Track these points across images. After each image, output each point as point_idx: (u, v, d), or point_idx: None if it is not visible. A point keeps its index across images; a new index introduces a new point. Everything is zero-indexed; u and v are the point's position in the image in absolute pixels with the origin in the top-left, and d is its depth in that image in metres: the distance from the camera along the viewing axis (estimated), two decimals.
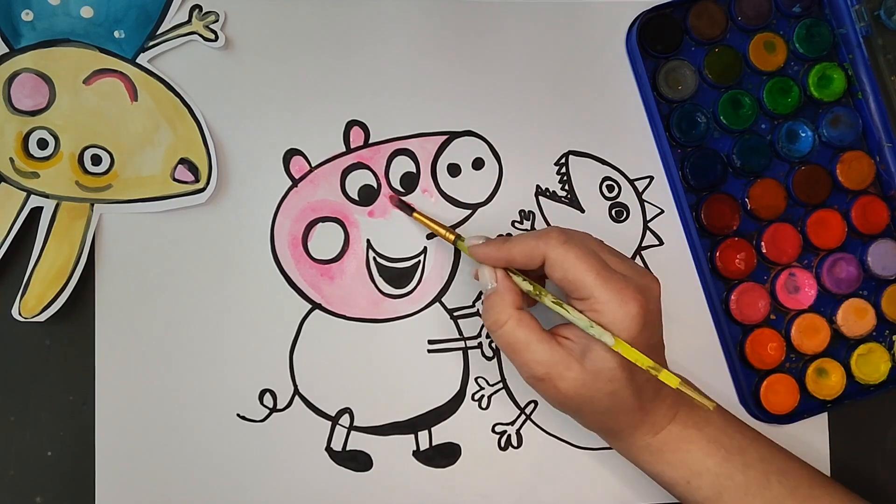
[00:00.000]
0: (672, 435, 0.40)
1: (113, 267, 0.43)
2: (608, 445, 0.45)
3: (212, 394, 0.43)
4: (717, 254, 0.46)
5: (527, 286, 0.40)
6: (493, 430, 0.45)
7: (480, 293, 0.45)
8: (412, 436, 0.45)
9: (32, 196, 0.42)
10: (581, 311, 0.38)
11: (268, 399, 0.44)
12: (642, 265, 0.46)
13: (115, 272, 0.43)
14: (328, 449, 0.44)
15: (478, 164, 0.46)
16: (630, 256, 0.46)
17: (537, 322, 0.39)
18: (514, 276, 0.40)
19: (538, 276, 0.41)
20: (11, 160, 0.42)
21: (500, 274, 0.40)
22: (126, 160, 0.43)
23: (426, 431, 0.45)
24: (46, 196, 0.42)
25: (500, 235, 0.40)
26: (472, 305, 0.45)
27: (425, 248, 0.45)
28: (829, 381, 0.47)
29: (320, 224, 0.45)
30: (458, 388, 0.45)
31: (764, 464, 0.40)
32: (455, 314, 0.45)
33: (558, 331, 0.39)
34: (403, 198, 0.45)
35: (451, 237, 0.42)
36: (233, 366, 0.44)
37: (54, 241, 0.42)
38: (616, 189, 0.47)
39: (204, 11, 0.43)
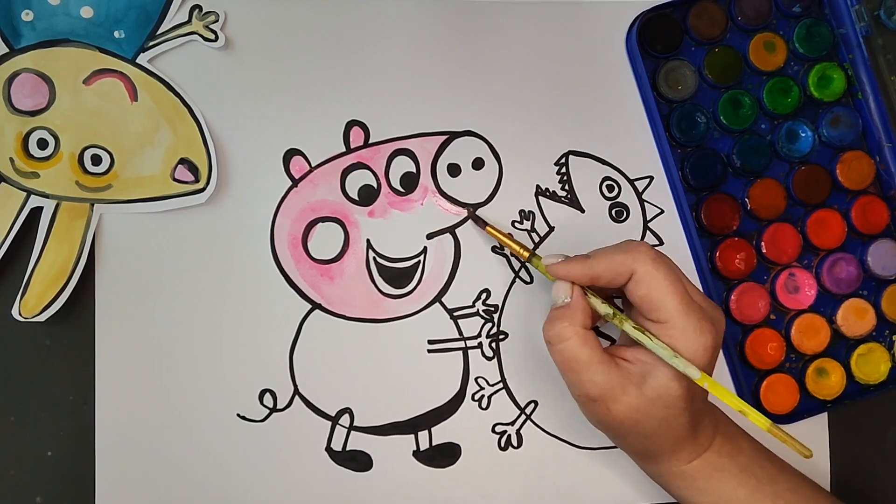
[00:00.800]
0: (706, 463, 0.40)
1: (113, 267, 0.43)
2: (608, 446, 0.45)
3: (212, 394, 0.43)
4: (717, 254, 0.46)
5: (605, 309, 0.39)
6: (493, 430, 0.45)
7: (481, 293, 0.45)
8: (412, 436, 0.45)
9: (32, 196, 0.42)
10: (654, 335, 0.37)
11: (268, 399, 0.44)
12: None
13: (115, 272, 0.43)
14: (328, 449, 0.44)
15: (478, 164, 0.46)
16: None
17: (600, 343, 0.38)
18: (592, 298, 0.39)
19: (607, 295, 0.41)
20: (11, 160, 0.42)
21: (576, 291, 0.39)
22: (126, 160, 0.43)
23: (426, 431, 0.45)
24: (46, 196, 0.42)
25: (578, 254, 0.40)
26: (472, 305, 0.45)
27: (425, 248, 0.45)
28: (829, 381, 0.47)
29: (320, 224, 0.45)
30: (458, 388, 0.45)
31: (794, 495, 0.40)
32: (455, 314, 0.45)
33: (617, 352, 0.39)
34: (469, 208, 0.45)
35: (526, 254, 0.41)
36: (233, 366, 0.44)
37: (54, 241, 0.42)
38: (616, 189, 0.47)
39: (204, 11, 0.43)
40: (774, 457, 0.42)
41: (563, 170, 0.46)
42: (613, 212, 0.47)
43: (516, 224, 0.46)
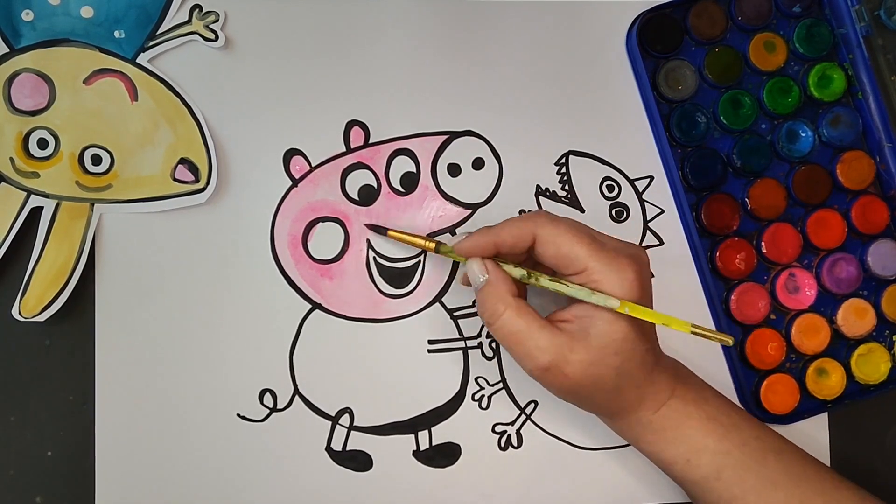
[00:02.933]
0: (672, 411, 0.40)
1: (113, 267, 0.43)
2: (608, 446, 0.45)
3: (212, 394, 0.43)
4: (717, 254, 0.46)
5: (519, 271, 0.39)
6: (493, 430, 0.45)
7: None
8: (412, 436, 0.45)
9: (32, 196, 0.42)
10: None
11: (268, 399, 0.44)
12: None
13: (115, 272, 0.43)
14: (328, 449, 0.44)
15: (478, 164, 0.46)
16: None
17: (535, 310, 0.38)
18: (504, 265, 0.39)
19: (523, 262, 0.41)
20: (11, 160, 0.42)
21: (489, 264, 0.39)
22: (126, 160, 0.43)
23: (426, 431, 0.45)
24: (46, 196, 0.42)
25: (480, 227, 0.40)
26: (472, 305, 0.45)
27: None
28: (829, 381, 0.47)
29: (320, 224, 0.45)
30: (458, 388, 0.45)
31: (760, 442, 0.40)
32: (455, 314, 0.45)
33: (553, 318, 0.39)
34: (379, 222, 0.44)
35: (432, 245, 0.41)
36: (233, 366, 0.44)
37: (54, 241, 0.42)
38: (616, 189, 0.47)
39: (204, 11, 0.43)
40: (736, 406, 0.42)
41: (563, 170, 0.46)
42: (613, 212, 0.47)
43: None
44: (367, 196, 0.45)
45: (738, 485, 0.39)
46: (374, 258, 0.45)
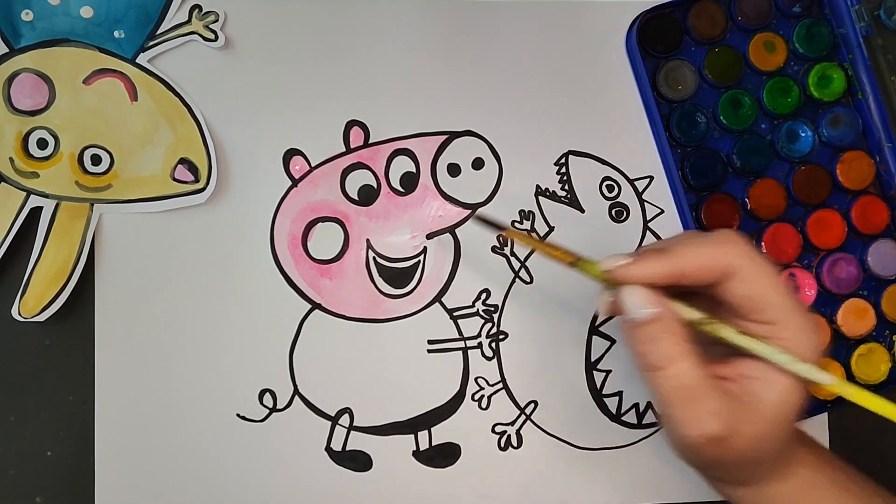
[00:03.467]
0: (801, 480, 0.34)
1: (113, 267, 0.43)
2: (608, 446, 0.45)
3: (212, 394, 0.43)
4: None
5: (695, 314, 0.31)
6: (493, 430, 0.45)
7: (481, 293, 0.45)
8: (412, 436, 0.45)
9: (32, 196, 0.42)
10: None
11: (268, 399, 0.44)
12: None
13: (115, 272, 0.43)
14: (328, 449, 0.44)
15: (478, 164, 0.46)
16: None
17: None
18: (675, 304, 0.32)
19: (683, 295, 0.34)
20: (11, 160, 0.42)
21: (663, 299, 0.31)
22: (126, 160, 0.43)
23: (426, 431, 0.45)
24: (46, 196, 0.42)
25: (646, 248, 0.33)
26: (472, 305, 0.45)
27: (425, 248, 0.45)
28: None
29: (320, 224, 0.45)
30: (458, 388, 0.45)
31: (880, 500, 0.36)
32: (455, 314, 0.45)
33: (711, 370, 0.31)
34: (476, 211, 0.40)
35: (570, 259, 0.34)
36: (233, 366, 0.44)
37: (54, 241, 0.42)
38: (616, 189, 0.47)
39: (204, 11, 0.43)
40: (853, 469, 0.37)
41: (563, 170, 0.46)
42: (613, 212, 0.47)
43: (516, 224, 0.46)
44: (367, 196, 0.45)
45: None
46: (374, 258, 0.45)
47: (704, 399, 0.30)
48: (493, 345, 0.46)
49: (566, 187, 0.46)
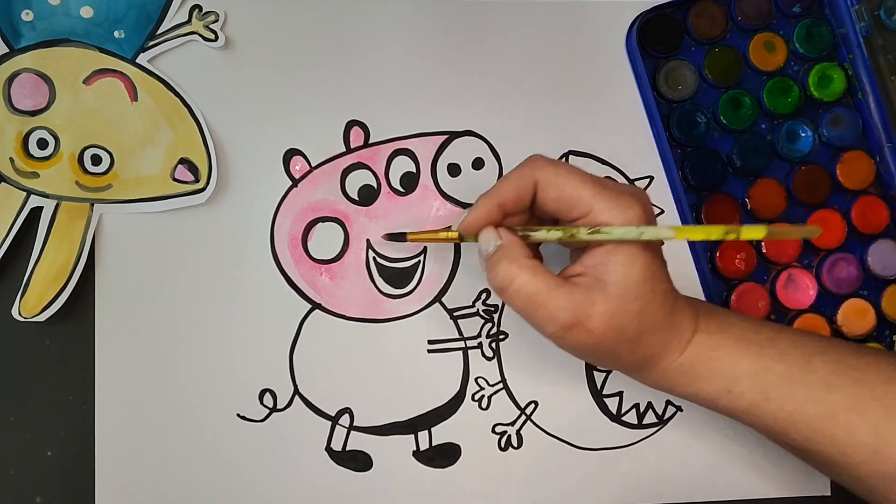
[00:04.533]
0: (699, 346, 0.37)
1: (113, 267, 0.43)
2: (608, 446, 0.45)
3: (212, 394, 0.43)
4: (717, 254, 0.46)
5: (555, 234, 0.37)
6: (493, 431, 0.45)
7: (481, 293, 0.45)
8: (412, 436, 0.45)
9: (32, 196, 0.42)
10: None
11: (268, 399, 0.44)
12: None
13: (115, 272, 0.43)
14: (328, 449, 0.44)
15: (478, 164, 0.46)
16: None
17: (549, 270, 0.36)
18: (535, 233, 0.37)
19: (524, 219, 0.39)
20: (11, 160, 0.42)
21: (502, 231, 0.37)
22: (126, 160, 0.43)
23: (426, 431, 0.45)
24: (46, 196, 0.42)
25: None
26: (472, 305, 0.45)
27: (425, 248, 0.45)
28: None
29: (320, 224, 0.45)
30: (458, 388, 0.45)
31: (800, 348, 0.37)
32: (455, 314, 0.45)
33: (565, 274, 0.37)
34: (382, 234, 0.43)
35: (455, 235, 0.40)
36: (233, 366, 0.44)
37: (54, 241, 0.42)
38: None
39: (204, 11, 0.43)
40: (766, 321, 0.40)
41: None
42: None
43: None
44: (367, 196, 0.45)
45: (790, 399, 0.36)
46: (374, 258, 0.45)
47: (548, 300, 0.35)
48: (493, 345, 0.46)
49: None
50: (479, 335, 0.45)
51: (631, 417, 0.46)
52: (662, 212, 0.47)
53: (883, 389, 0.36)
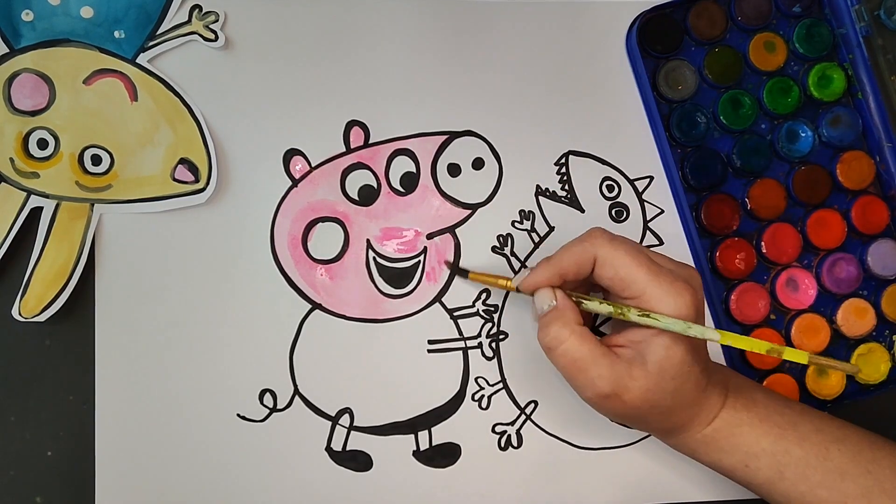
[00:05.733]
0: (724, 422, 0.39)
1: (113, 267, 0.43)
2: (608, 446, 0.45)
3: (212, 394, 0.43)
4: (717, 254, 0.46)
5: (607, 307, 0.38)
6: (493, 430, 0.45)
7: (481, 293, 0.45)
8: (412, 436, 0.45)
9: (32, 196, 0.42)
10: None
11: (268, 399, 0.44)
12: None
13: (115, 272, 0.43)
14: (328, 449, 0.44)
15: (478, 164, 0.46)
16: None
17: (596, 338, 0.38)
18: (587, 302, 0.39)
19: (585, 289, 0.41)
20: (11, 160, 0.42)
21: (559, 293, 0.39)
22: (126, 160, 0.43)
23: (426, 431, 0.45)
24: (46, 196, 0.42)
25: (541, 259, 0.40)
26: (472, 305, 0.45)
27: (425, 248, 0.45)
28: (829, 381, 0.47)
29: (320, 224, 0.45)
30: (458, 388, 0.45)
31: (820, 435, 0.39)
32: (455, 314, 0.45)
33: (607, 342, 0.39)
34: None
35: (513, 286, 0.41)
36: (233, 366, 0.44)
37: (54, 241, 0.42)
38: (616, 189, 0.47)
39: (204, 11, 0.43)
40: (792, 402, 0.42)
41: (563, 170, 0.46)
42: (613, 212, 0.47)
43: (516, 224, 0.46)
44: (367, 196, 0.45)
45: (804, 481, 0.38)
46: (374, 258, 0.45)
47: (591, 367, 0.37)
48: (493, 345, 0.46)
49: (566, 187, 0.46)
50: (479, 335, 0.45)
51: None
52: (662, 212, 0.47)
53: (893, 483, 0.38)
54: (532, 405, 0.46)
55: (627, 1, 0.46)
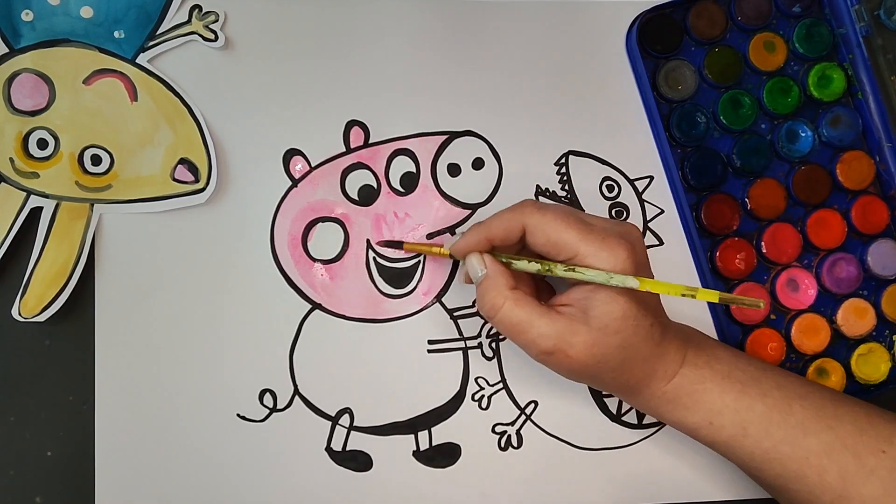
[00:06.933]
0: (685, 378, 0.40)
1: (113, 267, 0.43)
2: (608, 446, 0.45)
3: (212, 394, 0.43)
4: (717, 254, 0.46)
5: (535, 266, 0.39)
6: (493, 430, 0.45)
7: None
8: (412, 436, 0.45)
9: (32, 196, 0.42)
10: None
11: (268, 399, 0.44)
12: None
13: (115, 272, 0.43)
14: (328, 449, 0.44)
15: (478, 164, 0.46)
16: None
17: (534, 299, 0.39)
18: (518, 263, 0.40)
19: (516, 253, 0.41)
20: (11, 160, 0.42)
21: (487, 259, 0.40)
22: (126, 160, 0.43)
23: (426, 431, 0.45)
24: (46, 196, 0.42)
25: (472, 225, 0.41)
26: (472, 305, 0.45)
27: None
28: (829, 381, 0.47)
29: (320, 224, 0.45)
30: (458, 388, 0.45)
31: (782, 391, 0.40)
32: (455, 314, 0.45)
33: (553, 302, 0.40)
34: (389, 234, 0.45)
35: (447, 253, 0.42)
36: (233, 366, 0.44)
37: (54, 241, 0.42)
38: (616, 189, 0.47)
39: (204, 11, 0.43)
40: (754, 359, 0.42)
41: (563, 170, 0.46)
42: (613, 212, 0.47)
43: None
44: (367, 196, 0.45)
45: (767, 438, 0.39)
46: (374, 258, 0.45)
47: (530, 328, 0.38)
48: (493, 345, 0.46)
49: (566, 187, 0.46)
50: (479, 335, 0.46)
51: (631, 417, 0.46)
52: (662, 212, 0.47)
53: (854, 439, 0.38)
54: (532, 405, 0.46)
55: (627, 1, 0.46)
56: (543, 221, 0.38)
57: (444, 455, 0.45)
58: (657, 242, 0.47)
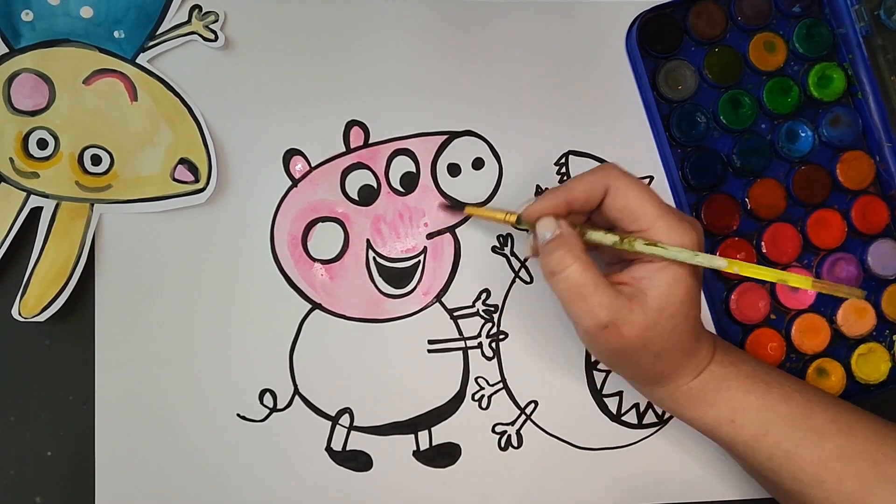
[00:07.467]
0: (712, 375, 0.39)
1: (113, 267, 0.43)
2: (608, 446, 0.45)
3: (212, 394, 0.43)
4: (717, 254, 0.46)
5: (612, 237, 0.38)
6: (493, 430, 0.45)
7: (481, 293, 0.45)
8: (412, 436, 0.45)
9: (32, 196, 0.42)
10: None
11: (268, 399, 0.44)
12: None
13: (115, 272, 0.43)
14: (328, 449, 0.44)
15: (478, 163, 0.46)
16: None
17: (599, 270, 0.38)
18: (593, 233, 0.39)
19: (586, 218, 0.41)
20: (11, 160, 0.42)
21: (562, 222, 0.38)
22: (126, 160, 0.43)
23: (426, 431, 0.45)
24: (46, 196, 0.42)
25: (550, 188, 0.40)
26: (472, 305, 0.45)
27: (425, 247, 0.45)
28: (829, 381, 0.47)
29: (320, 224, 0.45)
30: (458, 388, 0.45)
31: (803, 395, 0.40)
32: (455, 314, 0.45)
33: (610, 279, 0.38)
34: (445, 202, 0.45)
35: (514, 218, 0.40)
36: (233, 366, 0.44)
37: (54, 241, 0.42)
38: None
39: (204, 11, 0.43)
40: (776, 368, 0.42)
41: (563, 170, 0.46)
42: None
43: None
44: (367, 196, 0.45)
45: (788, 439, 0.38)
46: (374, 258, 0.45)
47: (593, 295, 0.36)
48: (493, 345, 0.46)
49: None
50: (479, 335, 0.45)
51: (631, 417, 0.46)
52: None
53: (873, 447, 0.38)
54: (532, 405, 0.46)
55: (627, 1, 0.46)
56: (629, 185, 0.38)
57: (444, 455, 0.45)
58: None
